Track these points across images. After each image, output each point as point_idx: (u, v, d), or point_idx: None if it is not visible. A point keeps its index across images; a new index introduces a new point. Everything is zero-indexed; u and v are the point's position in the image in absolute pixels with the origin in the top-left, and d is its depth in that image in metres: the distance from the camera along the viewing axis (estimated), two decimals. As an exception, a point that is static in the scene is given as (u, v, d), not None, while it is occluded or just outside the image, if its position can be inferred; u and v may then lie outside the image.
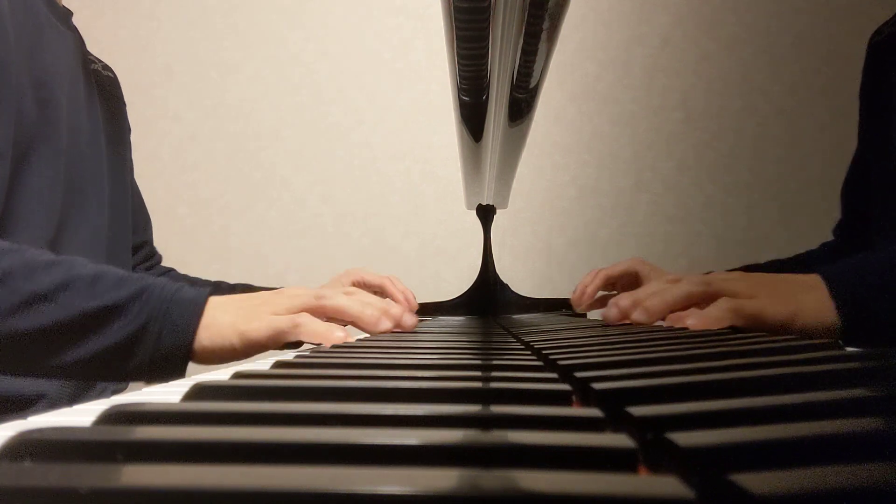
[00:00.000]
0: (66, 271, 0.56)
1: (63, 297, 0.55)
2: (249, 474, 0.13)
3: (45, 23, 0.76)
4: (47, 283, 0.55)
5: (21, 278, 0.55)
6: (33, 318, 0.54)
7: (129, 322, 0.56)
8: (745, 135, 1.44)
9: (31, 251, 0.58)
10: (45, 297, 0.55)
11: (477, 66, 0.50)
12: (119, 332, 0.56)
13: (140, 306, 0.57)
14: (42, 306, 0.55)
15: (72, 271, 0.57)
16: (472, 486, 0.13)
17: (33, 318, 0.54)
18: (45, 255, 0.58)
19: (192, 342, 0.58)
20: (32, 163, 0.71)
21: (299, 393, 0.25)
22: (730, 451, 0.14)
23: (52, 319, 0.55)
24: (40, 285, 0.55)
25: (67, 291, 0.55)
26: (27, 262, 0.56)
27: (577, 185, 1.46)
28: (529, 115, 0.65)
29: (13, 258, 0.55)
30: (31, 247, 0.59)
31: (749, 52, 1.44)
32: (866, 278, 0.57)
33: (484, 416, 0.21)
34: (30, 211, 0.70)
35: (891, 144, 0.79)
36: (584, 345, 0.40)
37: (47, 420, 0.24)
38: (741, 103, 1.44)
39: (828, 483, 0.11)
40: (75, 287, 0.56)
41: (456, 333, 0.61)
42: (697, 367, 0.27)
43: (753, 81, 1.44)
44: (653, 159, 1.45)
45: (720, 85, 1.44)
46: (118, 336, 0.56)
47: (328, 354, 0.42)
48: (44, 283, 0.55)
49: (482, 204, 1.04)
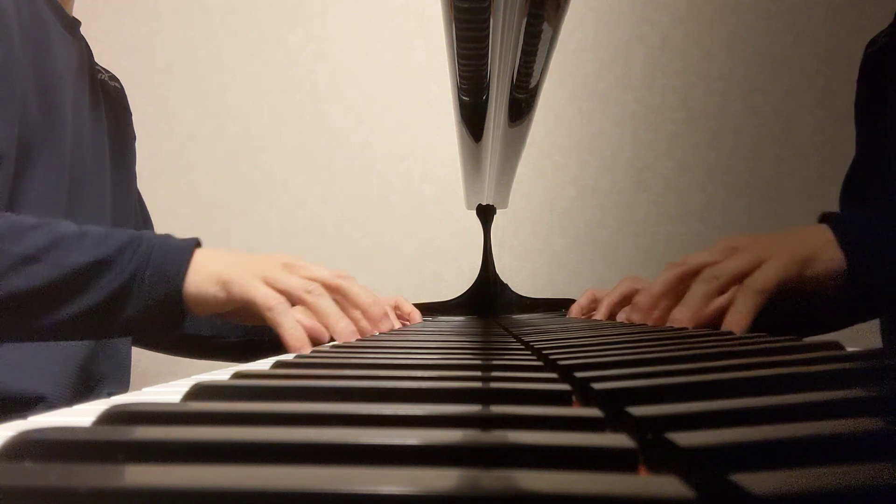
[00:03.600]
0: (52, 231, 0.57)
1: (52, 257, 0.56)
2: (249, 474, 0.13)
3: (52, 30, 0.76)
4: (35, 243, 0.56)
5: (9, 241, 0.55)
6: (24, 280, 0.55)
7: (118, 273, 0.57)
8: (746, 135, 1.44)
9: (14, 216, 0.58)
10: (35, 257, 0.55)
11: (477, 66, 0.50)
12: (110, 284, 0.56)
13: (128, 257, 0.57)
14: (32, 267, 0.55)
15: (58, 231, 0.57)
16: (472, 486, 0.13)
17: (24, 280, 0.55)
18: (29, 219, 0.58)
19: (181, 287, 0.58)
20: (36, 167, 0.71)
21: (299, 393, 0.25)
22: (730, 451, 0.14)
23: (43, 279, 0.55)
24: (28, 247, 0.55)
25: (56, 250, 0.56)
26: (13, 225, 0.56)
27: (578, 185, 1.46)
28: (529, 115, 0.65)
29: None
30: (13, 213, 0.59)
31: (749, 52, 1.44)
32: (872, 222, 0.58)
33: (484, 416, 0.21)
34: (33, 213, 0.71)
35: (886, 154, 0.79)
36: (584, 345, 0.40)
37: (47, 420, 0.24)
38: (741, 103, 1.44)
39: (828, 483, 0.11)
40: (63, 245, 0.56)
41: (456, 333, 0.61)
42: (697, 367, 0.27)
43: (754, 81, 1.44)
44: (653, 159, 1.45)
45: (721, 85, 1.44)
46: (109, 288, 0.56)
47: (328, 354, 0.42)
48: (32, 244, 0.56)
49: (482, 204, 1.04)
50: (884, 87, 0.81)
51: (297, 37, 1.51)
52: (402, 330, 0.73)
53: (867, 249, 0.56)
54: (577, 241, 1.45)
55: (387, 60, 1.49)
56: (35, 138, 0.71)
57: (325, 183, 1.49)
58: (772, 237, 0.60)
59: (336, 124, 1.49)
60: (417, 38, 1.48)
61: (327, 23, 1.50)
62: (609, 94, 1.46)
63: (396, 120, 1.48)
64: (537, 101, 0.61)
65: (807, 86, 1.43)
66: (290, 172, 1.49)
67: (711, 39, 1.45)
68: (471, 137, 0.66)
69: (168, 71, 1.51)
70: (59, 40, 0.77)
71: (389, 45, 1.49)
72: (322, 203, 1.49)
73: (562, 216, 1.45)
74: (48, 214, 0.73)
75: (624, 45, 1.46)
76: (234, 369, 0.32)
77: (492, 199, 1.00)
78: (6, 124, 0.67)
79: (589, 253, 1.44)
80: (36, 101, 0.71)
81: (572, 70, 1.45)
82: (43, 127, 0.72)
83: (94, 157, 0.83)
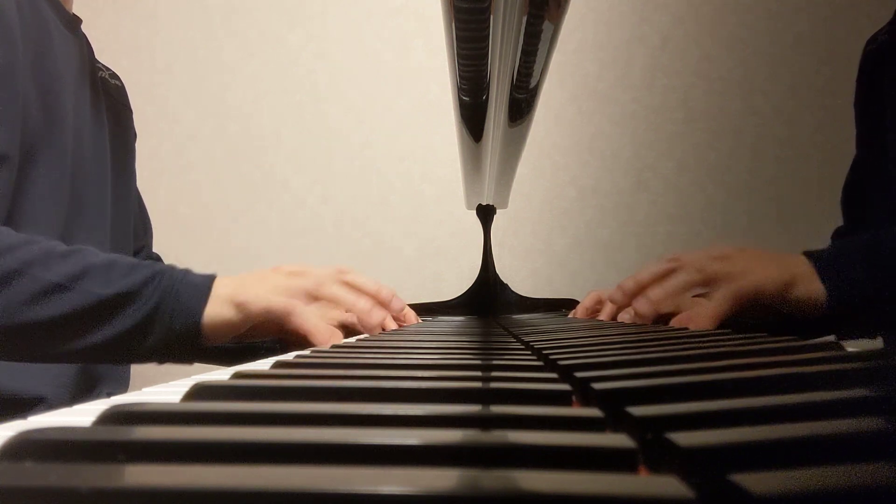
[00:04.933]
0: (82, 260, 0.59)
1: (80, 286, 0.58)
2: (249, 474, 0.13)
3: (54, 29, 0.76)
4: (64, 272, 0.58)
5: (40, 268, 0.57)
6: (53, 307, 0.57)
7: (142, 305, 0.59)
8: (746, 135, 1.44)
9: (46, 242, 0.60)
10: (64, 286, 0.57)
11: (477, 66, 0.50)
12: (133, 315, 0.59)
13: (152, 290, 0.60)
14: (61, 295, 0.57)
15: (86, 260, 0.59)
16: (472, 486, 0.13)
17: (53, 307, 0.57)
18: (60, 246, 0.60)
19: (200, 320, 0.60)
20: (38, 167, 0.71)
21: (299, 393, 0.25)
22: (730, 451, 0.14)
23: (70, 307, 0.57)
24: (58, 275, 0.57)
25: (84, 280, 0.58)
26: (45, 253, 0.58)
27: (578, 185, 1.46)
28: (529, 115, 0.65)
29: (31, 249, 0.58)
30: (44, 238, 0.61)
31: (749, 52, 1.44)
32: (848, 254, 0.61)
33: (484, 416, 0.20)
34: (35, 214, 0.71)
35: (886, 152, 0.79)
36: (584, 345, 0.40)
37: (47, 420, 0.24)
38: (741, 103, 1.44)
39: (828, 483, 0.11)
40: (91, 275, 0.58)
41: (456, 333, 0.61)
42: (697, 367, 0.27)
43: (753, 81, 1.44)
44: (653, 159, 1.45)
45: (720, 85, 1.44)
46: (133, 319, 0.59)
47: (328, 354, 0.42)
48: (61, 272, 0.58)
49: (482, 204, 1.04)
50: (883, 85, 0.81)
51: (297, 37, 1.51)
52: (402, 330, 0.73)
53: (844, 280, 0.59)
54: (577, 241, 1.45)
55: (387, 60, 1.49)
56: (37, 138, 0.71)
57: (325, 183, 1.49)
58: (761, 254, 0.64)
59: (336, 124, 1.49)
60: (417, 38, 1.48)
61: (327, 23, 1.50)
62: (609, 94, 1.46)
63: (396, 120, 1.48)
64: (537, 101, 0.61)
65: (807, 86, 1.43)
66: (290, 172, 1.49)
67: (711, 39, 1.45)
68: (471, 137, 0.66)
69: (168, 71, 1.51)
70: (60, 39, 0.77)
71: (389, 45, 1.49)
72: (322, 203, 1.49)
73: (562, 216, 1.45)
74: (51, 212, 0.73)
75: (624, 45, 1.46)
76: (234, 369, 0.32)
77: (492, 199, 1.00)
78: (8, 125, 0.67)
79: (589, 253, 1.44)
80: (37, 102, 0.71)
81: (572, 70, 1.45)
82: (45, 127, 0.72)
83: (94, 156, 0.83)
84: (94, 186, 0.83)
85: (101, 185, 0.85)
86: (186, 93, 1.51)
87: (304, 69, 1.50)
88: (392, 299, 0.70)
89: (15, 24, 0.68)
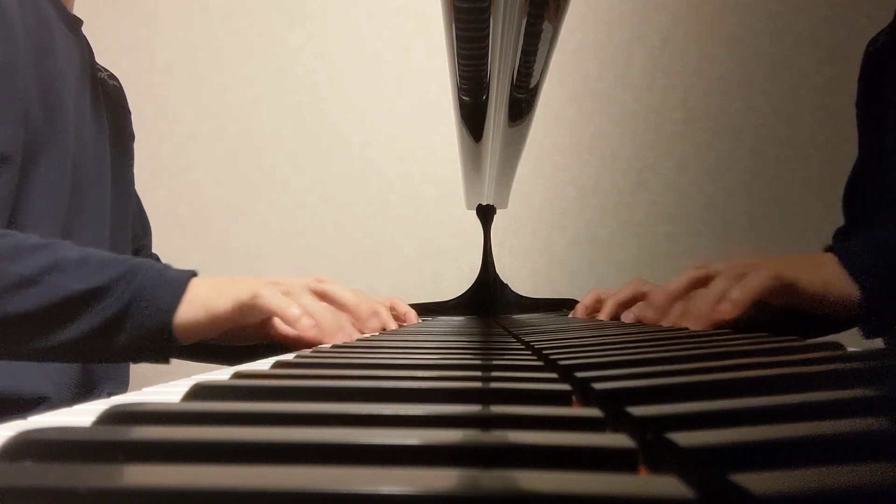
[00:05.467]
0: (52, 254, 0.57)
1: (49, 280, 0.55)
2: (249, 474, 0.13)
3: (55, 29, 0.76)
4: (33, 266, 0.55)
5: (7, 261, 0.55)
6: (20, 302, 0.55)
7: (113, 302, 0.57)
8: (745, 135, 1.44)
9: (18, 235, 0.58)
10: (32, 280, 0.55)
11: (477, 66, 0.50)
12: (103, 312, 0.56)
13: (124, 287, 0.57)
14: (29, 290, 0.55)
15: (57, 254, 0.57)
16: (472, 486, 0.13)
17: (20, 302, 0.55)
18: (31, 239, 0.58)
19: (171, 319, 0.58)
20: (39, 167, 0.71)
21: (299, 393, 0.25)
22: (730, 451, 0.14)
23: (38, 302, 0.55)
24: (26, 268, 0.55)
25: (54, 274, 0.56)
26: (13, 246, 0.56)
27: (578, 185, 1.46)
28: (529, 115, 0.65)
29: (0, 242, 0.56)
30: (17, 231, 0.60)
31: (749, 52, 1.44)
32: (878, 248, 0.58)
33: (484, 416, 0.21)
34: (36, 214, 0.71)
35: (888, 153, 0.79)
36: (584, 345, 0.40)
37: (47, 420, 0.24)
38: (741, 103, 1.44)
39: (828, 483, 0.11)
40: (61, 270, 0.56)
41: (456, 333, 0.61)
42: (697, 367, 0.27)
43: (753, 81, 1.44)
44: (653, 159, 1.45)
45: (720, 85, 1.44)
46: (103, 316, 0.56)
47: (328, 354, 0.42)
48: (30, 266, 0.55)
49: (482, 204, 1.04)
50: (885, 86, 0.81)
51: (297, 37, 1.51)
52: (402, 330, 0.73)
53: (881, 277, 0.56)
54: (577, 241, 1.45)
55: (387, 60, 1.49)
56: (38, 138, 0.71)
57: (325, 183, 1.49)
58: (791, 257, 0.61)
59: (336, 124, 1.49)
60: (417, 38, 1.48)
61: (327, 23, 1.50)
62: (609, 94, 1.46)
63: (396, 120, 1.48)
64: (537, 101, 0.61)
65: (807, 86, 1.43)
66: (290, 172, 1.49)
67: (711, 39, 1.45)
68: (471, 137, 0.66)
69: (168, 71, 1.51)
70: (61, 39, 0.77)
71: (389, 45, 1.49)
72: (322, 203, 1.49)
73: (562, 216, 1.45)
74: (51, 213, 0.73)
75: (624, 45, 1.46)
76: (234, 369, 0.32)
77: (492, 199, 1.00)
78: (11, 124, 0.67)
79: (589, 253, 1.44)
80: (39, 101, 0.71)
81: (572, 70, 1.45)
82: (46, 127, 0.72)
83: (94, 157, 0.83)
84: (94, 186, 0.83)
85: (101, 185, 0.85)
86: (186, 93, 1.51)
87: (304, 69, 1.50)
88: (369, 318, 0.66)
89: (17, 22, 0.68)
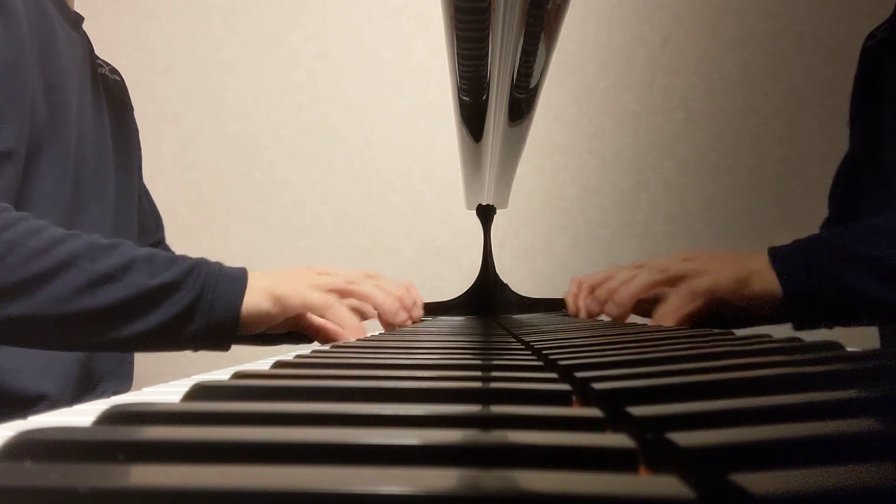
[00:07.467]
0: (126, 253, 0.62)
1: (126, 277, 0.61)
2: (249, 474, 0.13)
3: (57, 26, 0.76)
4: (111, 264, 0.60)
5: (88, 260, 0.60)
6: (101, 297, 0.60)
7: (184, 295, 0.62)
8: (746, 135, 1.44)
9: (89, 235, 0.63)
10: (111, 276, 0.60)
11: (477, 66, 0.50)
12: (177, 304, 0.62)
13: (193, 281, 0.63)
14: (108, 286, 0.60)
15: (130, 253, 0.62)
16: (472, 486, 0.13)
17: (101, 297, 0.60)
18: (102, 239, 0.63)
19: (239, 311, 0.64)
20: (42, 164, 0.72)
21: (299, 393, 0.25)
22: (730, 451, 0.14)
23: (117, 297, 0.60)
24: (105, 266, 0.60)
25: (130, 271, 0.61)
26: (90, 246, 0.61)
27: (578, 185, 1.46)
28: (529, 115, 0.65)
29: (77, 242, 0.60)
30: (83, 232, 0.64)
31: (749, 52, 1.44)
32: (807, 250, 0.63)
33: (484, 416, 0.20)
34: (38, 210, 0.71)
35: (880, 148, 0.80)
36: (584, 345, 0.40)
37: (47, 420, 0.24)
38: (741, 103, 1.44)
39: (828, 483, 0.11)
40: (136, 267, 0.61)
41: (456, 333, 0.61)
42: (697, 367, 0.27)
43: (754, 81, 1.44)
44: (654, 159, 1.45)
45: (721, 85, 1.44)
46: (177, 308, 0.62)
47: (328, 354, 0.42)
48: (108, 264, 0.60)
49: (482, 204, 1.03)
50: (882, 80, 0.81)
51: (297, 37, 1.51)
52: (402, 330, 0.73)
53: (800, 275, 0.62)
54: (577, 241, 1.45)
55: (387, 60, 1.49)
56: (42, 135, 0.71)
57: (325, 183, 1.49)
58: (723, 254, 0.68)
59: (336, 124, 1.49)
60: (417, 38, 1.48)
61: (327, 23, 1.50)
62: (609, 94, 1.46)
63: (396, 120, 1.48)
64: (537, 101, 0.61)
65: (807, 85, 1.43)
66: (290, 172, 1.49)
67: (711, 39, 1.45)
68: (471, 137, 0.66)
69: (168, 71, 1.51)
70: (64, 37, 0.77)
71: (389, 45, 1.49)
72: (322, 203, 1.49)
73: (562, 216, 1.45)
74: (54, 209, 0.73)
75: (624, 45, 1.46)
76: (233, 369, 0.32)
77: (492, 199, 1.00)
78: (17, 121, 0.67)
79: (589, 253, 1.44)
80: (42, 98, 0.72)
81: (572, 70, 1.45)
82: (49, 123, 0.73)
83: (96, 153, 0.83)
84: (96, 182, 0.83)
85: (104, 180, 0.85)
86: (186, 93, 1.51)
87: (304, 69, 1.50)
88: (413, 307, 0.77)
89: (22, 20, 0.68)
